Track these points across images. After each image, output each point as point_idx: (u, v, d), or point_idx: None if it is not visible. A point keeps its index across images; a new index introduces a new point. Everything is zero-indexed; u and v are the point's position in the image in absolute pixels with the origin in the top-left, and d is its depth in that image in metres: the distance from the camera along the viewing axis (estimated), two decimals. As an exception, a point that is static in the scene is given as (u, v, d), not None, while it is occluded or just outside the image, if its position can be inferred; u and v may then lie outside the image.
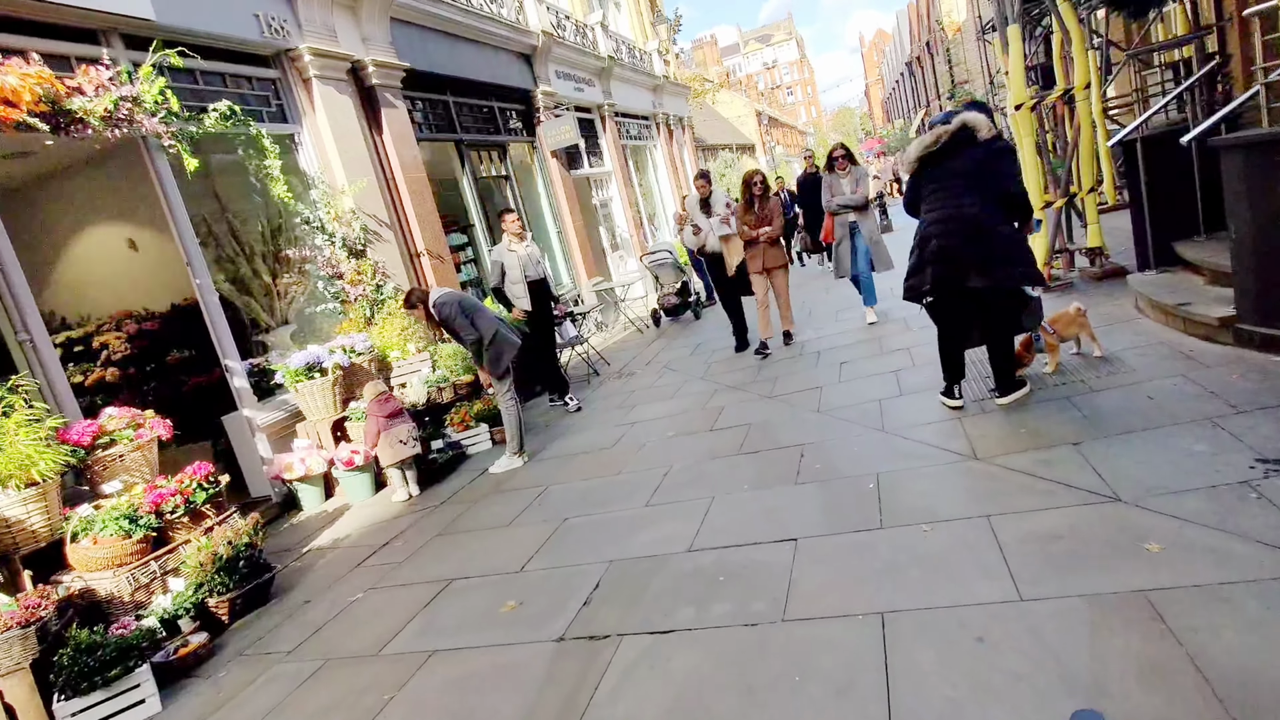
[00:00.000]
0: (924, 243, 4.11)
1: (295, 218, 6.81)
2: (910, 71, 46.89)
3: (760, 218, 7.07)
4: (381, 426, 5.42)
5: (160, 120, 5.33)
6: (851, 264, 7.39)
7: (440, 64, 9.32)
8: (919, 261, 4.15)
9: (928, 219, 4.11)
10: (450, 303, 5.45)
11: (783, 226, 7.12)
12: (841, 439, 4.55)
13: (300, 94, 7.03)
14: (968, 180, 4.00)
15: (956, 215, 4.00)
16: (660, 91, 19.09)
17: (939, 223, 4.05)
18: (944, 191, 4.04)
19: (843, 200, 7.18)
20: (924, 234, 4.11)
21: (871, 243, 7.24)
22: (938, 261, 4.04)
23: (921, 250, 4.12)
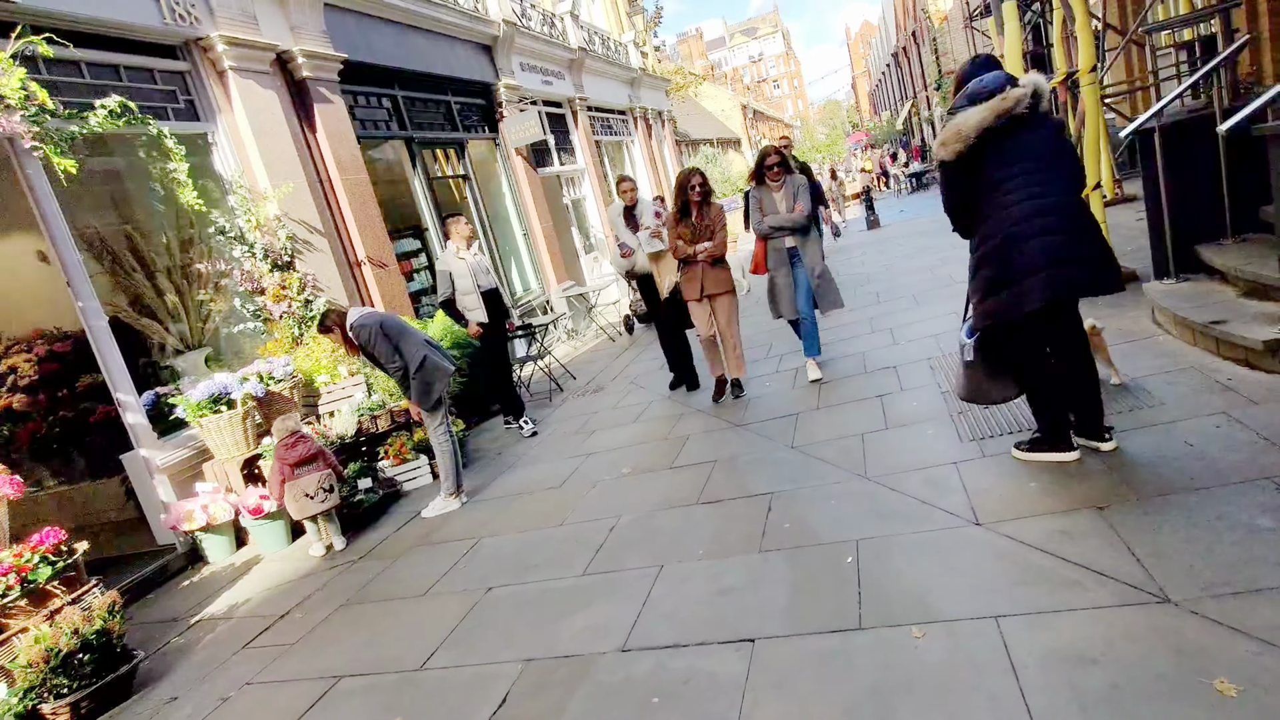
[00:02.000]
0: (1012, 245, 3.00)
1: (209, 227, 6.05)
2: (896, 62, 46.24)
3: (698, 230, 5.60)
4: (286, 476, 4.67)
5: (27, 118, 4.58)
6: (793, 302, 5.69)
7: (386, 55, 8.56)
8: (1007, 270, 3.03)
9: (1008, 215, 3.03)
10: (369, 325, 4.74)
11: (722, 249, 5.60)
12: (817, 487, 3.85)
13: (214, 88, 6.27)
14: (1046, 162, 3.07)
15: (1055, 206, 3.01)
16: (637, 85, 18.34)
17: (1038, 215, 2.99)
18: (1024, 177, 3.04)
19: (777, 220, 5.51)
20: (1010, 233, 3.01)
21: (816, 275, 5.57)
22: (1053, 265, 2.95)
23: (1010, 256, 3.01)
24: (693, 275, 5.66)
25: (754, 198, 5.67)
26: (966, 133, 3.06)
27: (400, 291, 7.92)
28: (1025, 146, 3.06)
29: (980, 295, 3.18)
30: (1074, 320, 3.25)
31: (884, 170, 33.20)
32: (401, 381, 4.84)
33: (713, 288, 5.66)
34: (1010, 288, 3.04)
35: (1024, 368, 3.29)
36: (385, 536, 4.96)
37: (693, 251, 5.58)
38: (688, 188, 5.58)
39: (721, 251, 5.61)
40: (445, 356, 5.05)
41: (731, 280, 5.72)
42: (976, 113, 3.04)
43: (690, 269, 5.66)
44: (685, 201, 5.59)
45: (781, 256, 5.59)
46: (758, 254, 5.75)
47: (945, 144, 3.14)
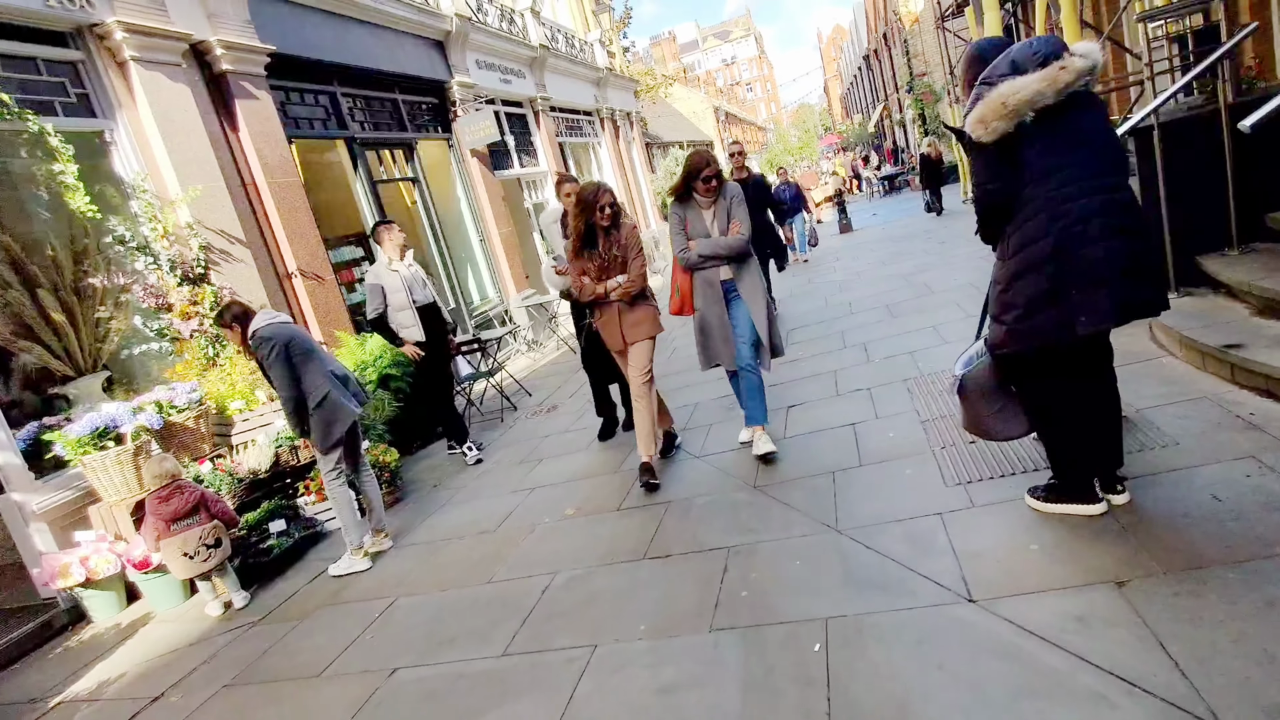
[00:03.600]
0: (1068, 250, 2.42)
1: (107, 236, 5.39)
2: (868, 65, 46.18)
3: (608, 261, 4.30)
4: (161, 533, 4.03)
5: None
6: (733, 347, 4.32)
7: (324, 49, 7.92)
8: (1060, 282, 2.42)
9: (1062, 212, 2.44)
10: (273, 341, 4.02)
11: (641, 282, 4.35)
12: (780, 541, 3.31)
13: (114, 81, 5.60)
14: (1103, 150, 2.51)
15: (1123, 204, 2.45)
16: (604, 85, 17.79)
17: (1103, 214, 2.40)
18: (1081, 168, 2.46)
19: (709, 247, 4.19)
20: (1066, 236, 2.42)
21: (758, 311, 4.25)
22: (1123, 277, 2.37)
23: (1064, 264, 2.42)
24: (609, 319, 4.41)
25: (676, 216, 4.31)
26: (1015, 106, 2.42)
27: (337, 305, 7.28)
28: (1081, 130, 2.47)
29: (1017, 312, 2.53)
30: (1108, 344, 2.73)
31: (856, 173, 33.00)
32: (293, 415, 4.11)
33: (633, 334, 4.35)
34: (1061, 304, 2.43)
35: (1048, 403, 2.73)
36: (295, 590, 4.35)
37: (602, 290, 4.30)
38: (594, 205, 4.21)
39: (640, 285, 4.35)
40: (352, 394, 4.31)
41: (656, 321, 4.45)
42: (1031, 83, 2.42)
43: (604, 312, 4.42)
44: (590, 226, 4.24)
45: (715, 292, 4.27)
46: (683, 289, 4.38)
47: (984, 120, 2.49)
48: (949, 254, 9.74)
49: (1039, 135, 2.47)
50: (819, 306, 8.53)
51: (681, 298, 4.41)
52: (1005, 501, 3.08)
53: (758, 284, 4.29)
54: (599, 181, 4.44)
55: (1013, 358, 2.67)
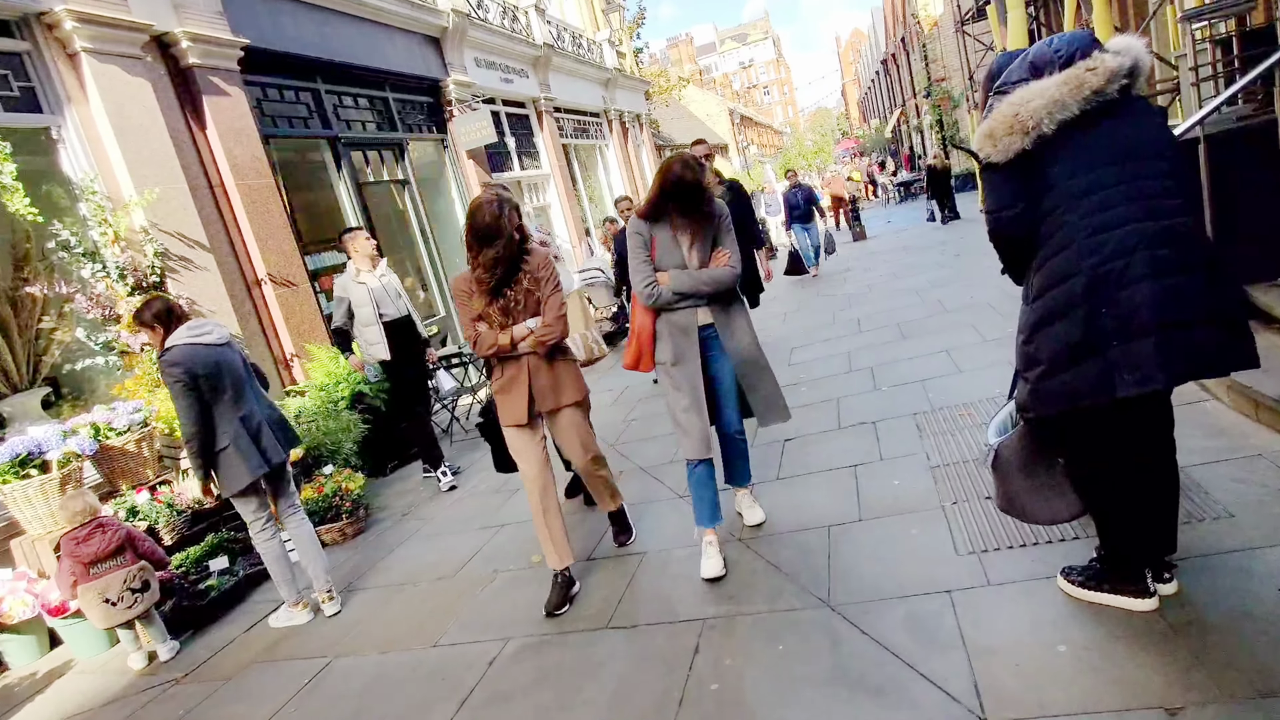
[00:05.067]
0: (1104, 290, 1.94)
1: (50, 241, 4.99)
2: (885, 70, 45.51)
3: (515, 302, 3.19)
4: (79, 576, 3.60)
5: None
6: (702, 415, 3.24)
7: (305, 43, 7.52)
8: (1094, 330, 1.96)
9: (1096, 245, 1.96)
10: (181, 367, 3.42)
11: (562, 325, 3.24)
12: (762, 616, 2.84)
13: (62, 73, 5.21)
14: (1152, 166, 2.00)
15: (1173, 233, 1.94)
16: (612, 86, 17.36)
17: (1146, 245, 1.92)
18: (1123, 187, 1.97)
19: (687, 283, 3.15)
20: (1101, 273, 1.94)
21: (748, 365, 3.28)
22: (1172, 327, 1.90)
23: (1099, 307, 1.94)
24: (514, 379, 3.25)
25: (639, 236, 3.20)
26: (1029, 119, 1.98)
27: (311, 314, 6.86)
28: (1120, 142, 2.00)
29: (1041, 368, 2.07)
30: (1167, 406, 2.23)
31: (872, 179, 32.45)
32: (195, 455, 3.52)
33: (551, 397, 3.29)
34: (1097, 357, 1.96)
35: (1097, 474, 2.21)
36: (230, 639, 3.92)
37: (507, 341, 3.16)
38: (494, 233, 3.06)
39: (562, 330, 3.22)
40: (263, 449, 3.65)
41: (581, 382, 3.40)
42: (1047, 88, 1.98)
43: (507, 369, 3.27)
44: (495, 258, 3.09)
45: (688, 339, 3.20)
46: (642, 336, 3.27)
47: (993, 135, 2.05)
48: (964, 267, 9.22)
49: (1067, 151, 2.02)
50: (825, 323, 8.04)
51: (639, 347, 3.28)
52: (1027, 580, 2.60)
53: (748, 330, 3.33)
54: (497, 191, 3.19)
55: (1048, 422, 2.18)
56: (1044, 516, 2.38)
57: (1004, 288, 7.19)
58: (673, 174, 3.04)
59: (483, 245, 3.08)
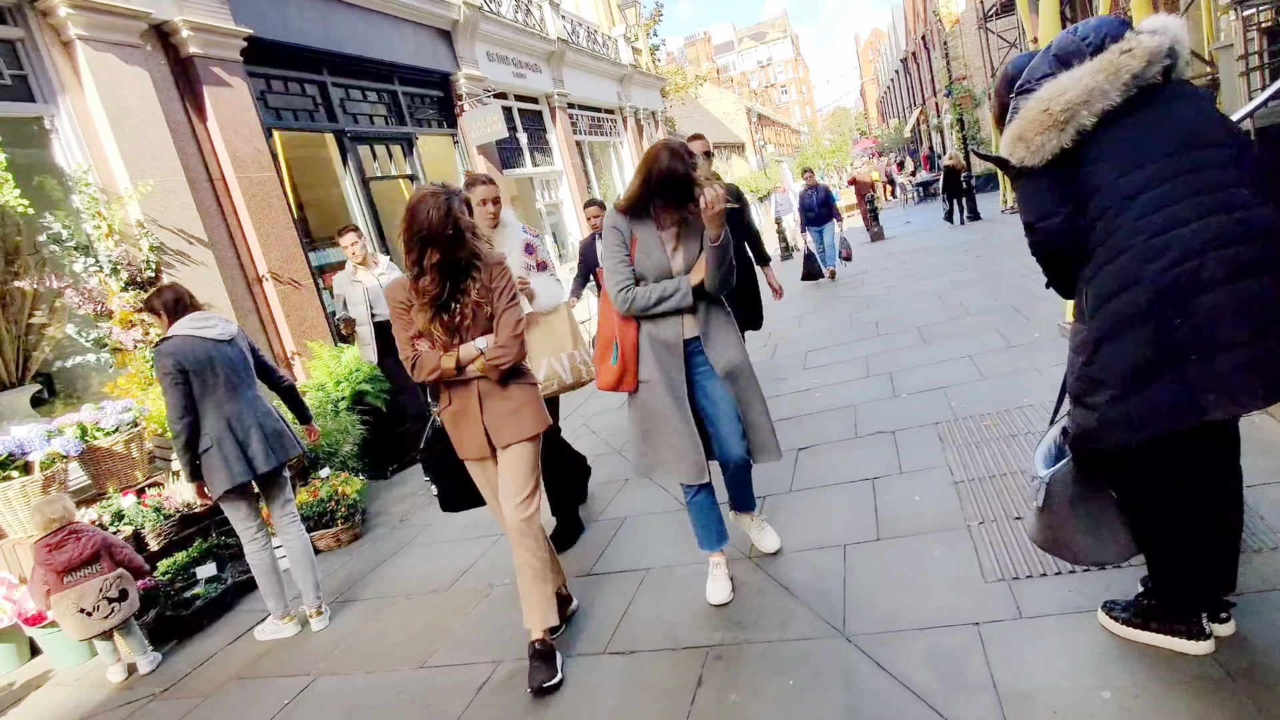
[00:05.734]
0: (1176, 300, 1.68)
1: (41, 234, 4.85)
2: (905, 69, 44.97)
3: (464, 316, 2.65)
4: (53, 585, 3.43)
5: None
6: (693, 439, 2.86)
7: (311, 35, 7.36)
8: (1167, 346, 1.69)
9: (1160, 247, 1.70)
10: (172, 359, 3.31)
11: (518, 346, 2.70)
12: (772, 646, 2.62)
13: (57, 62, 5.06)
14: (1206, 157, 1.75)
15: (1254, 227, 1.69)
16: (628, 82, 17.14)
17: (1223, 244, 1.67)
18: (1183, 180, 1.72)
19: (669, 294, 2.77)
20: (1171, 280, 1.68)
21: (746, 395, 2.93)
22: (1266, 335, 1.65)
23: (1172, 318, 1.68)
24: (465, 409, 2.74)
25: (617, 234, 2.81)
26: (1064, 111, 1.74)
27: (314, 311, 6.70)
28: (1172, 130, 1.75)
29: (1111, 391, 1.78)
30: (1236, 430, 1.97)
31: (890, 179, 32.02)
32: (181, 451, 3.39)
33: (508, 430, 2.74)
34: (1174, 376, 1.69)
35: (1159, 507, 1.94)
36: (213, 652, 3.75)
37: (452, 364, 2.64)
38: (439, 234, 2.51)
39: (518, 351, 2.70)
40: (249, 456, 3.47)
41: (540, 411, 2.83)
42: (1082, 77, 1.75)
43: (456, 396, 2.76)
44: (441, 264, 2.55)
45: (673, 357, 2.85)
46: (625, 349, 2.86)
47: (1024, 137, 1.82)
48: (986, 269, 8.93)
49: (1112, 146, 1.78)
50: (841, 325, 7.78)
51: (623, 363, 2.85)
52: (1065, 614, 2.36)
53: (738, 343, 2.94)
54: (441, 185, 2.62)
55: (1106, 452, 1.91)
56: (1095, 557, 2.11)
57: (1030, 290, 6.92)
58: (660, 163, 2.65)
59: (427, 248, 2.51)
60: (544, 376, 3.75)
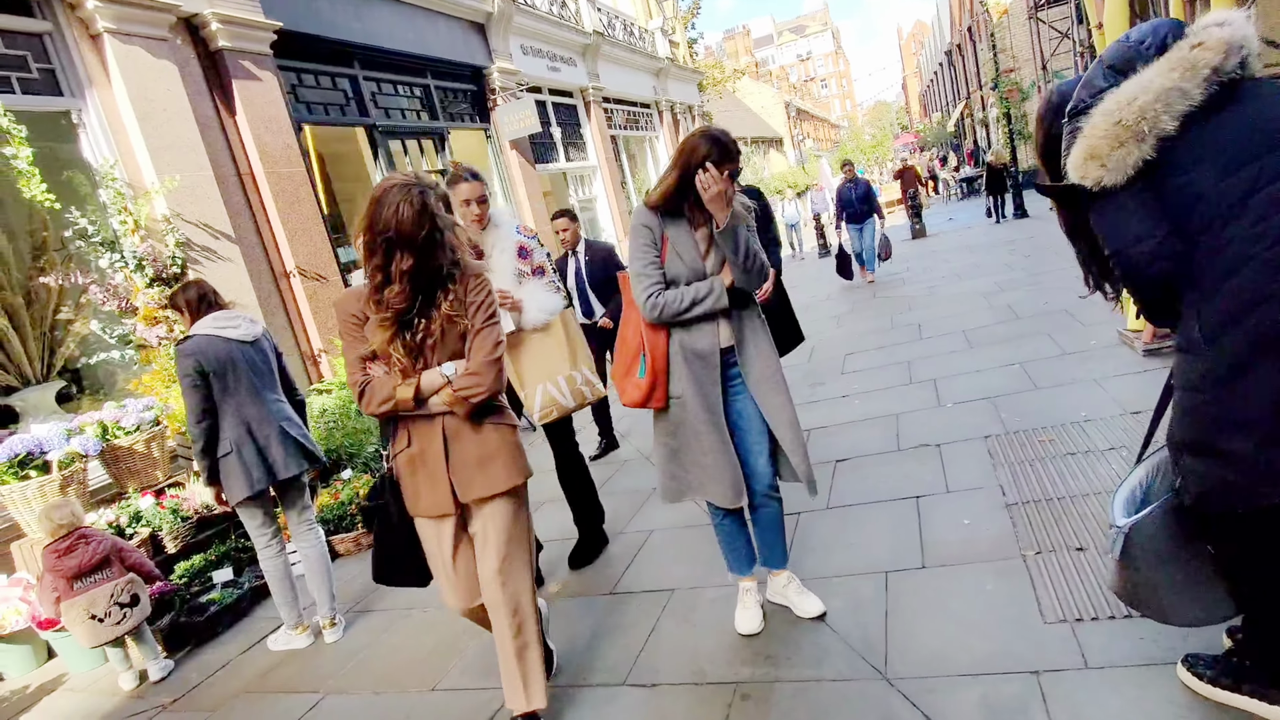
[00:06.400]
0: None
1: (67, 230, 4.81)
2: (949, 61, 43.85)
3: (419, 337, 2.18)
4: (62, 592, 3.35)
5: None
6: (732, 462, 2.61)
7: (342, 27, 7.28)
8: None
9: None
10: (193, 359, 3.22)
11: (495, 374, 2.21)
12: (806, 684, 2.40)
13: (85, 55, 5.02)
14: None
15: None
16: (664, 76, 16.91)
17: None
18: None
19: (702, 296, 2.52)
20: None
21: (780, 414, 2.63)
22: None
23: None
24: (425, 451, 2.27)
25: (646, 232, 2.57)
26: (1139, 118, 1.50)
27: (341, 308, 6.60)
28: (1266, 123, 1.50)
29: (1262, 432, 1.48)
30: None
31: (933, 174, 31.24)
32: (199, 454, 3.29)
33: (479, 482, 2.27)
34: None
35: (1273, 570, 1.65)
36: (225, 661, 3.64)
37: (412, 395, 2.18)
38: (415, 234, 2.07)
39: (494, 381, 2.22)
40: (269, 463, 3.36)
41: (520, 457, 2.37)
42: (1151, 80, 1.52)
43: (418, 435, 2.28)
44: (412, 271, 2.11)
45: (708, 369, 2.59)
46: (655, 359, 2.59)
47: (1097, 154, 1.57)
48: (1034, 269, 8.52)
49: (1206, 148, 1.52)
50: (882, 327, 7.48)
51: (652, 375, 2.59)
52: (1137, 665, 2.10)
53: (773, 354, 2.69)
54: (412, 175, 2.16)
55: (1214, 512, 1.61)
56: (1188, 618, 1.83)
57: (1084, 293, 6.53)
58: (699, 154, 2.44)
59: (396, 251, 2.06)
60: (540, 405, 3.29)
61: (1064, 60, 18.59)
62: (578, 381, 3.39)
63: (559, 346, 3.35)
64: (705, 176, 2.40)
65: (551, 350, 3.33)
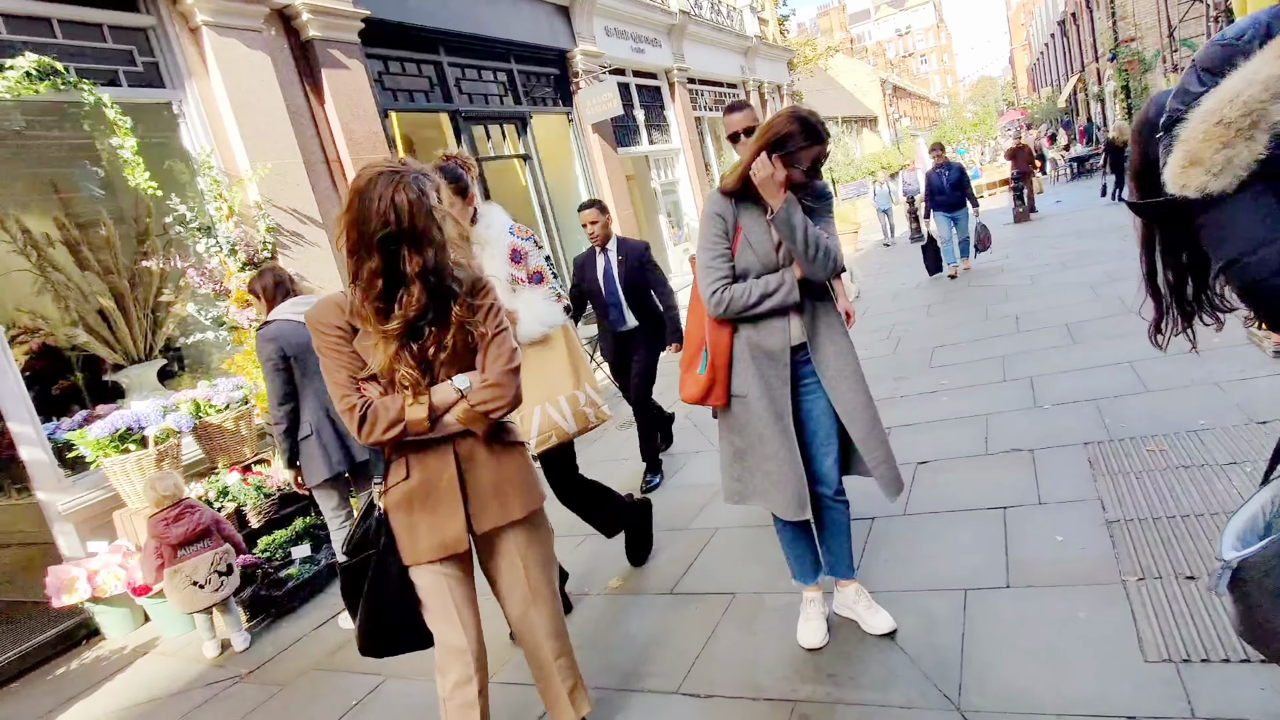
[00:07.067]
0: None
1: (167, 216, 5.05)
2: (1062, 32, 41.07)
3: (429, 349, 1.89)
4: (166, 559, 3.53)
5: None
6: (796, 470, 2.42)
7: (428, 14, 7.36)
8: None
9: None
10: (275, 344, 3.33)
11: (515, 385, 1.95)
12: (871, 706, 2.23)
13: (185, 48, 5.23)
14: None
15: None
16: (752, 55, 16.47)
17: None
18: None
19: (772, 289, 2.38)
20: None
21: (861, 413, 2.46)
22: None
23: None
24: (435, 480, 1.96)
25: (718, 220, 2.43)
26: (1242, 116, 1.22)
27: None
28: None
29: None
30: None
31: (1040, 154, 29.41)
32: (281, 437, 3.41)
33: (496, 507, 2.01)
34: None
35: None
36: (299, 637, 3.77)
37: (426, 415, 1.87)
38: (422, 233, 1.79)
39: (514, 393, 1.95)
40: (348, 445, 3.49)
41: (535, 483, 2.12)
42: (1257, 72, 1.23)
43: (423, 464, 1.96)
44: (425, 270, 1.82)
45: (776, 365, 2.44)
46: (716, 355, 2.47)
47: (1199, 160, 1.31)
48: (1154, 258, 7.82)
49: None
50: (976, 318, 7.04)
51: (711, 373, 2.47)
52: (1256, 719, 1.85)
53: (850, 349, 2.52)
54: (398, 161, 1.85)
55: None
56: None
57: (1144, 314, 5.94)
58: (783, 135, 2.28)
59: (402, 247, 1.77)
60: (538, 430, 2.91)
61: (1194, 27, 16.99)
62: (580, 402, 2.97)
63: (560, 362, 2.96)
64: (757, 161, 2.26)
65: (551, 367, 2.95)
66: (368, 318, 1.83)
